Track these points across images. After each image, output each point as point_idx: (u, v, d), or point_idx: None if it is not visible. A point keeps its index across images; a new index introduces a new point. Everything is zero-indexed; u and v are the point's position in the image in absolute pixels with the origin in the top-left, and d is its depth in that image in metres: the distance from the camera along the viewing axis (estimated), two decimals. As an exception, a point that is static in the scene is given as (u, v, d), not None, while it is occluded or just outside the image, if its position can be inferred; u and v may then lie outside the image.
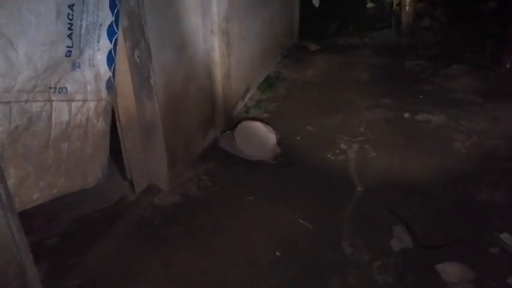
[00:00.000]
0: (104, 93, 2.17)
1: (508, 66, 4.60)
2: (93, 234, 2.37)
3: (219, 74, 3.48)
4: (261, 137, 3.44)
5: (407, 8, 6.75)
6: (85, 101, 2.08)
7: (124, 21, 2.24)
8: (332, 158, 3.40)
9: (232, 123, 3.79)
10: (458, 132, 3.67)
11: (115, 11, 2.11)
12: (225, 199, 2.87)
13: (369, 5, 7.88)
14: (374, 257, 2.30)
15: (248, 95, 4.59)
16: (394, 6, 7.15)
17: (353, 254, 2.33)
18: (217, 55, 3.41)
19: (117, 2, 2.11)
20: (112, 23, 2.12)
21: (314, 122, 4.03)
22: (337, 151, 3.49)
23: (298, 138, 3.77)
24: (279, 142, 3.52)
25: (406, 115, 4.03)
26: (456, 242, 2.34)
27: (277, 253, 2.33)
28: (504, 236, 2.30)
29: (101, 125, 2.20)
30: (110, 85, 2.20)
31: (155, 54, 2.41)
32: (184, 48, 2.85)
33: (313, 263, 2.26)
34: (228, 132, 3.63)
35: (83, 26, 1.99)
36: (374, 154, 3.41)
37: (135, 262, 2.29)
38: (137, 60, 2.33)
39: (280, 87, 5.01)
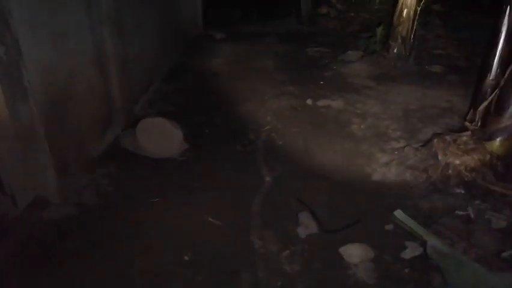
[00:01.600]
0: (-39, 98, 1.83)
1: (395, 51, 5.01)
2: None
3: (112, 68, 3.20)
4: (165, 133, 3.25)
5: (306, -4, 6.99)
6: None
7: (-19, 13, 1.89)
8: (241, 149, 3.38)
9: (135, 120, 3.55)
10: (355, 115, 3.90)
11: (-34, 0, 1.77)
12: (128, 204, 2.67)
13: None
14: (283, 247, 2.33)
15: (152, 88, 4.34)
16: (294, -7, 7.35)
17: (262, 247, 2.33)
18: (109, 47, 3.13)
19: (-33, -11, 1.77)
20: (-38, 14, 1.77)
21: (222, 114, 3.97)
22: (245, 142, 3.47)
23: (207, 131, 3.67)
24: (187, 137, 3.38)
25: (309, 102, 4.16)
26: (356, 222, 2.48)
27: (186, 257, 2.23)
28: (397, 213, 2.48)
29: (-38, 136, 1.85)
30: (-31, 89, 1.85)
31: (27, 49, 2.09)
32: (67, 41, 2.53)
33: (223, 263, 2.21)
34: (130, 130, 3.39)
35: None
36: (280, 143, 3.47)
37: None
38: (4, 57, 2.00)
39: (186, 79, 4.84)
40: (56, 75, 2.42)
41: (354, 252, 2.25)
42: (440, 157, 2.84)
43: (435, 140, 3.00)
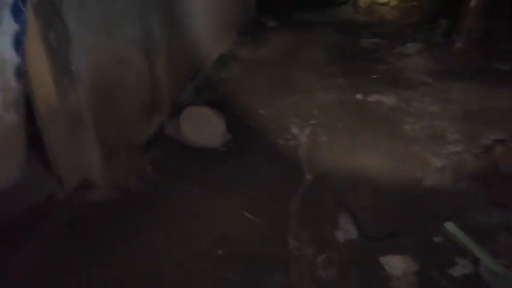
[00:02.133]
0: (13, 81, 1.89)
1: (459, 46, 4.60)
2: (11, 241, 2.12)
3: (161, 55, 3.22)
4: (208, 123, 3.23)
5: (365, -17, 6.63)
6: (-13, 92, 1.80)
7: (34, -2, 1.93)
8: (283, 143, 3.28)
9: (181, 107, 3.57)
10: (409, 114, 3.64)
11: (20, -14, 1.81)
12: (168, 192, 2.69)
13: (328, -21, 7.67)
14: (319, 251, 2.22)
15: (199, 76, 4.35)
16: (352, -19, 7.00)
17: (297, 248, 2.24)
18: (157, 35, 3.13)
19: (21, -25, 1.81)
20: (16, 1, 1.82)
21: (267, 105, 3.88)
22: (288, 136, 3.37)
23: (250, 122, 3.61)
24: (230, 127, 3.34)
25: (359, 96, 3.95)
26: (401, 231, 2.31)
27: (219, 251, 2.20)
28: (448, 225, 2.28)
29: (12, 118, 1.92)
30: (20, 72, 1.92)
31: (76, 35, 2.13)
32: (116, 29, 2.56)
33: (256, 261, 2.15)
34: (175, 117, 3.41)
35: (-22, 5, 1.69)
36: (325, 138, 3.32)
37: (57, 273, 2.06)
38: (54, 43, 2.05)
39: (234, 67, 4.79)
40: (104, 61, 2.46)
41: (396, 264, 2.10)
42: (502, 167, 2.56)
43: (497, 147, 2.71)
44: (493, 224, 2.32)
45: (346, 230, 2.34)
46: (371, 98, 3.92)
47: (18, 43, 1.87)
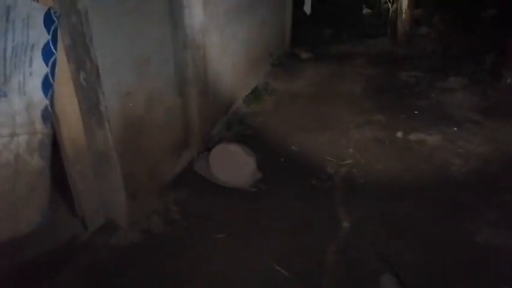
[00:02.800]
0: (39, 124, 1.85)
1: (508, 81, 4.29)
2: (32, 285, 2.03)
3: (193, 91, 3.16)
4: (238, 162, 3.10)
5: (404, 15, 6.45)
6: (13, 135, 1.76)
7: (66, 39, 1.91)
8: (317, 184, 3.08)
9: (211, 143, 3.48)
10: (456, 155, 3.35)
11: (52, 28, 1.79)
12: (193, 237, 2.54)
13: (365, 11, 7.57)
14: (357, 316, 1.98)
15: (231, 110, 4.27)
16: (390, 13, 6.83)
17: (332, 311, 2.01)
18: (191, 71, 3.09)
19: (54, 17, 1.79)
20: (48, 42, 1.80)
21: (300, 141, 3.71)
22: (323, 176, 3.17)
23: (282, 160, 3.45)
24: (261, 165, 3.19)
25: (399, 134, 3.71)
26: (452, 296, 2.03)
27: (245, 311, 2.01)
28: (508, 292, 1.98)
29: (37, 162, 1.87)
30: (48, 115, 1.87)
31: (106, 75, 2.09)
32: (148, 67, 2.52)
33: (286, 324, 1.94)
34: (205, 154, 3.31)
35: (8, 48, 1.67)
36: (362, 181, 3.09)
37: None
38: (84, 83, 2.01)
39: (267, 100, 4.69)
40: (134, 100, 2.41)
41: (447, 338, 1.82)
42: None
43: None
44: None
45: (388, 292, 2.08)
46: (413, 137, 3.67)
47: (48, 85, 1.84)
